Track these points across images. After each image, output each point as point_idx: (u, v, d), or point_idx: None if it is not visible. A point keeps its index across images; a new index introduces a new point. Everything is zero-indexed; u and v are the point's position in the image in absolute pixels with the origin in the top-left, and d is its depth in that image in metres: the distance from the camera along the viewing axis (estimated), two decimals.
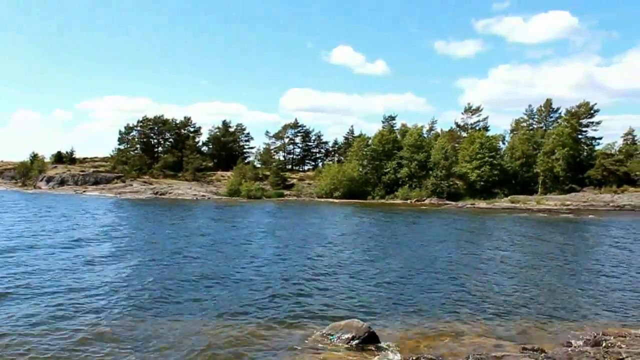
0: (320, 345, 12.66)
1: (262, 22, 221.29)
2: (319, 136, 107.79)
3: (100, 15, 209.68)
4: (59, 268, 20.80)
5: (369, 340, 12.72)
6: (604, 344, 10.95)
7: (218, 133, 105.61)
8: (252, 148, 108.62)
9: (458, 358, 11.58)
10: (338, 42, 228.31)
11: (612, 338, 11.61)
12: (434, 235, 36.37)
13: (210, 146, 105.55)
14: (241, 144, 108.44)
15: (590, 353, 10.38)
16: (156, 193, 78.82)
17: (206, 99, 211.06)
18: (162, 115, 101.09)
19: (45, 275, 19.27)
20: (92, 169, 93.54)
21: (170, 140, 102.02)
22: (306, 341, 12.97)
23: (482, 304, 17.09)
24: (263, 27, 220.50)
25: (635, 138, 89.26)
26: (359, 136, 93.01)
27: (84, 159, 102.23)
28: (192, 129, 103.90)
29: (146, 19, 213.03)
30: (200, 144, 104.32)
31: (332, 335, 12.93)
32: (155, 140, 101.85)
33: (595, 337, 12.27)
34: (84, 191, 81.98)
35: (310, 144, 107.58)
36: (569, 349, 11.09)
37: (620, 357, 9.70)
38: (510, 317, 15.56)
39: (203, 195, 78.27)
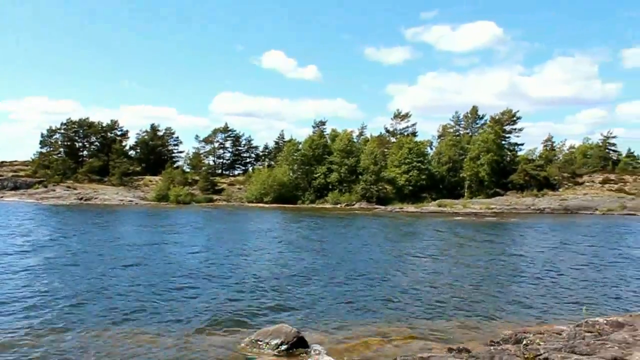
0: (248, 352, 12.44)
1: (191, 25, 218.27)
2: (249, 141, 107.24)
3: (20, 12, 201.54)
4: None
5: (298, 345, 12.60)
6: (524, 342, 11.22)
7: (146, 137, 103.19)
8: (181, 152, 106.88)
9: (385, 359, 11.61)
10: (269, 47, 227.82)
11: (531, 335, 11.90)
12: (363, 239, 36.64)
13: (138, 150, 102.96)
14: (170, 148, 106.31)
15: (511, 350, 10.60)
16: (81, 199, 76.04)
17: (135, 102, 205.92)
18: (88, 118, 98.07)
19: None
20: (10, 173, 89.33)
21: (96, 143, 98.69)
22: (234, 348, 12.72)
23: (410, 305, 17.26)
24: (191, 29, 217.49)
25: (554, 144, 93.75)
26: (290, 141, 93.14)
27: (2, 162, 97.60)
28: (119, 133, 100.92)
29: (71, 19, 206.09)
30: (127, 147, 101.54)
31: (260, 341, 12.73)
32: (80, 144, 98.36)
33: (516, 335, 12.53)
34: (2, 197, 78.09)
35: (240, 148, 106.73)
36: (492, 348, 11.28)
37: (539, 353, 9.95)
38: (436, 318, 15.77)
39: (130, 201, 76.21)
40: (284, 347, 12.39)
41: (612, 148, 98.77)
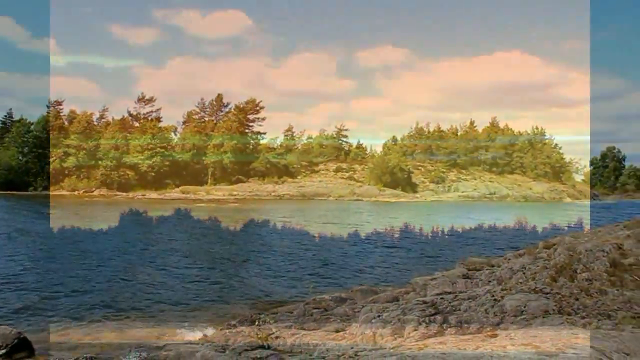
0: None
1: None
2: None
3: None
4: None
5: (21, 347, 11.32)
6: (257, 322, 11.59)
7: None
8: None
9: (120, 352, 11.10)
10: None
11: (264, 316, 12.36)
12: (96, 230, 34.56)
13: None
14: None
15: (246, 332, 10.89)
16: None
17: None
18: None
19: None
20: None
21: None
22: None
23: (146, 297, 16.74)
24: None
25: (294, 134, 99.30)
26: (19, 121, 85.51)
27: None
28: None
29: None
30: None
31: None
32: None
33: (251, 316, 12.91)
34: None
35: None
36: (227, 331, 11.49)
37: (272, 332, 10.36)
38: (175, 308, 15.49)
39: None
40: (2, 351, 11.11)
41: (345, 139, 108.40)
